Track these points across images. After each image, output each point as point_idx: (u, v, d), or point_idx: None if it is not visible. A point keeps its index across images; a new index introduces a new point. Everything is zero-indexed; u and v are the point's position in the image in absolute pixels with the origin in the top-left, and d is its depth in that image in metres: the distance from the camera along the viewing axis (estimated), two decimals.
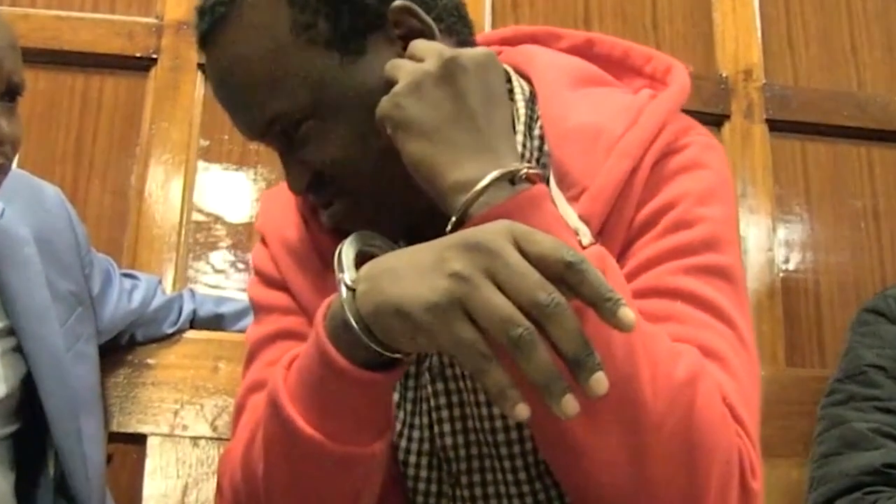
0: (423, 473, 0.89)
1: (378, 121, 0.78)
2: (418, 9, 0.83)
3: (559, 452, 0.75)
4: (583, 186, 0.83)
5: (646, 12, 1.97)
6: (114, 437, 1.33)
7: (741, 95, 1.92)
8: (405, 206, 0.84)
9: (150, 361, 1.38)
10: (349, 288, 0.67)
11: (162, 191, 1.71)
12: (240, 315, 1.51)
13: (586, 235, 0.81)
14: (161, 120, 1.75)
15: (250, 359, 0.93)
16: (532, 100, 0.91)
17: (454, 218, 0.73)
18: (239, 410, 0.90)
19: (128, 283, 1.38)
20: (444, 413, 0.88)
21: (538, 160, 0.89)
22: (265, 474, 0.77)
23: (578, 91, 0.90)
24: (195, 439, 1.34)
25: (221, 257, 1.73)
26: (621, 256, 0.83)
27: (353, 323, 0.66)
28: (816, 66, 1.99)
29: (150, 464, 1.33)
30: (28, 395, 1.14)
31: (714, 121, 1.87)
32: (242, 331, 1.24)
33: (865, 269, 1.90)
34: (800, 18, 2.01)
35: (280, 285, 0.93)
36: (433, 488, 0.89)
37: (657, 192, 0.84)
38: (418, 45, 0.80)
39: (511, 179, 0.74)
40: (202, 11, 0.84)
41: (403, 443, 0.89)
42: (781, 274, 1.87)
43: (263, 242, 0.97)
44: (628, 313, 0.60)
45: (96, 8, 1.81)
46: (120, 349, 1.38)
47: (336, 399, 0.70)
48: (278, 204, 0.97)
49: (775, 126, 1.92)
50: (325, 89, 0.81)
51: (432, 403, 0.88)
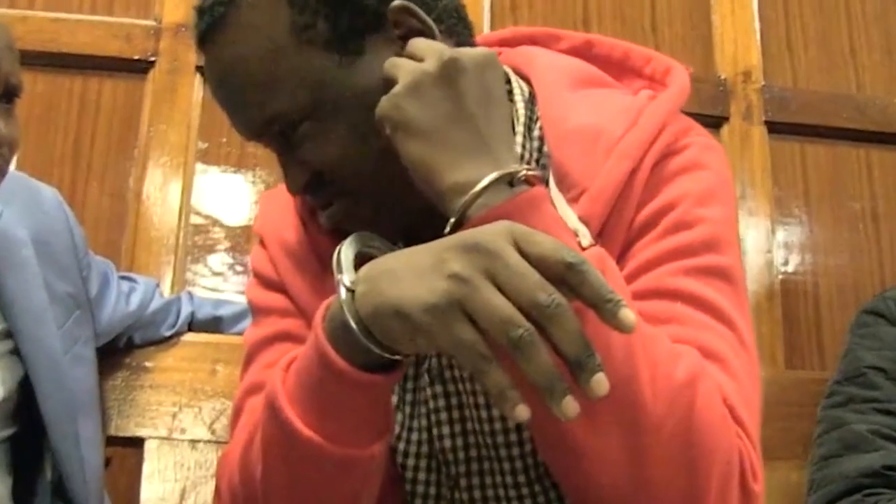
0: (422, 476, 0.89)
1: (377, 121, 0.78)
2: (417, 9, 0.83)
3: (559, 454, 0.75)
4: (582, 187, 0.83)
5: (644, 14, 1.97)
6: (112, 441, 1.33)
7: (740, 97, 1.92)
8: (404, 207, 0.84)
9: (148, 364, 1.38)
10: (348, 289, 0.67)
11: (160, 193, 1.71)
12: (238, 318, 1.50)
13: (586, 237, 0.81)
14: (159, 122, 1.75)
15: (248, 361, 0.93)
16: (531, 101, 0.91)
17: (452, 220, 0.73)
18: (237, 413, 0.89)
19: (126, 286, 1.38)
20: (443, 415, 0.88)
21: (538, 161, 0.88)
22: (263, 476, 0.76)
23: (578, 92, 0.90)
24: (193, 442, 1.34)
25: (220, 260, 1.73)
26: (621, 258, 0.83)
27: (353, 324, 0.66)
28: (815, 69, 1.99)
29: (148, 467, 1.32)
30: (25, 398, 1.14)
31: (713, 123, 1.87)
32: (241, 333, 1.24)
33: (864, 271, 1.90)
34: (799, 21, 2.01)
35: (278, 287, 0.93)
36: (432, 491, 0.89)
37: (657, 193, 0.84)
38: (417, 44, 0.80)
39: (510, 181, 0.74)
40: (201, 11, 0.84)
41: (402, 445, 0.89)
42: (780, 276, 1.87)
43: (262, 244, 0.97)
44: (629, 314, 0.60)
45: (94, 10, 1.81)
46: (118, 352, 1.38)
47: (335, 401, 0.70)
48: (277, 206, 0.97)
49: (774, 128, 1.92)
50: (324, 90, 0.81)
51: (431, 406, 0.88)
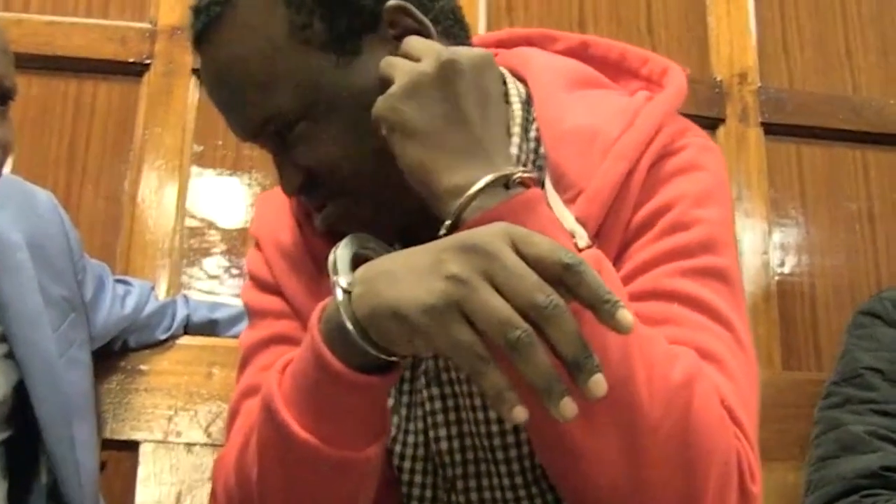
0: (418, 479, 0.89)
1: (373, 121, 0.77)
2: (414, 8, 0.82)
3: (556, 455, 0.75)
4: (579, 188, 0.83)
5: (640, 16, 1.97)
6: (107, 444, 1.33)
7: (736, 99, 1.92)
8: (400, 208, 0.83)
9: (144, 367, 1.38)
10: (345, 291, 0.67)
11: (155, 196, 1.71)
12: (234, 321, 1.50)
13: (583, 238, 0.81)
14: (154, 125, 1.74)
15: (244, 364, 0.92)
16: (528, 102, 0.91)
17: (448, 222, 0.73)
18: (233, 415, 0.89)
19: (121, 289, 1.38)
20: (440, 417, 0.87)
21: (534, 162, 0.88)
22: (259, 479, 0.76)
23: (574, 93, 0.90)
24: (189, 445, 1.34)
25: (215, 263, 1.72)
26: (618, 259, 0.83)
27: (350, 326, 0.66)
28: (811, 70, 1.99)
29: (144, 470, 1.32)
30: (20, 402, 1.13)
31: (709, 124, 1.87)
32: (236, 336, 1.24)
33: (861, 272, 1.90)
34: (795, 22, 2.01)
35: (274, 289, 0.93)
36: (428, 493, 0.89)
37: (654, 194, 0.84)
38: (414, 43, 0.80)
39: (506, 184, 0.74)
40: (197, 11, 0.84)
41: (398, 448, 0.88)
42: (777, 277, 1.87)
43: (258, 247, 0.96)
44: (626, 315, 0.60)
45: (89, 13, 1.80)
46: (113, 355, 1.38)
47: (331, 403, 0.70)
48: (272, 208, 0.96)
49: (770, 129, 1.92)
50: (320, 90, 0.81)
51: (427, 408, 0.88)
